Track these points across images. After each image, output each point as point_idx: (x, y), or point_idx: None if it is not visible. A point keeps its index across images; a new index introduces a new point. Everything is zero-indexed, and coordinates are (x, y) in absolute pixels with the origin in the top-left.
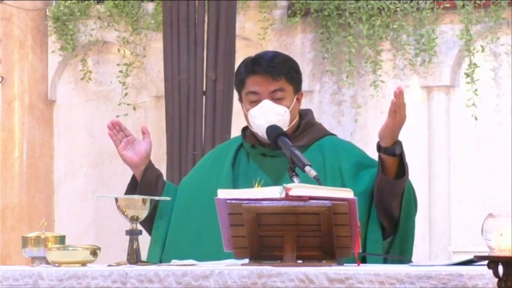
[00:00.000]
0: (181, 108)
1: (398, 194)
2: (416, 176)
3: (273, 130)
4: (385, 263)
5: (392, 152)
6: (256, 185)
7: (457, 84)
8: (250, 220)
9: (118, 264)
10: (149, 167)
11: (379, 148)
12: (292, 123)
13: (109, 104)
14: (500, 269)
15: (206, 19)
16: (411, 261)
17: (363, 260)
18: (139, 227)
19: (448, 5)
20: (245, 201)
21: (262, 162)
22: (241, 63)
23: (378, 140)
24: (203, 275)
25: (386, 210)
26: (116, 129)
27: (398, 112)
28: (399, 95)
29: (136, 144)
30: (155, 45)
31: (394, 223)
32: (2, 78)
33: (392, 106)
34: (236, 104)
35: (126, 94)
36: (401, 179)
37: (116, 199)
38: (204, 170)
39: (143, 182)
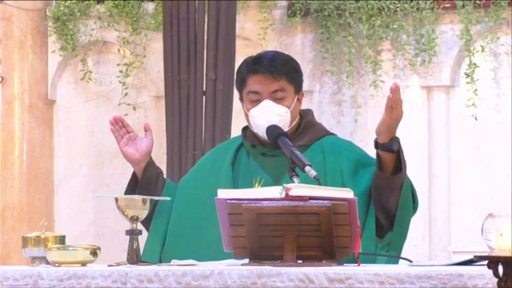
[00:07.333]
0: (181, 108)
1: (395, 190)
2: (416, 176)
3: (273, 130)
4: (376, 262)
5: (390, 148)
6: (257, 184)
7: (457, 84)
8: (250, 220)
9: (118, 264)
10: (150, 164)
11: (376, 145)
12: (293, 123)
13: (109, 104)
14: (500, 269)
15: (206, 19)
16: (399, 258)
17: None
18: (139, 227)
19: (448, 5)
20: (245, 201)
21: (262, 162)
22: (242, 62)
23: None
24: (203, 275)
25: (383, 207)
26: (119, 125)
27: (394, 108)
28: (395, 90)
29: (138, 141)
30: (155, 45)
31: (391, 219)
32: (2, 78)
33: (388, 102)
34: (236, 104)
35: (126, 94)
36: (397, 175)
37: (116, 199)
38: (204, 170)
39: (144, 179)
